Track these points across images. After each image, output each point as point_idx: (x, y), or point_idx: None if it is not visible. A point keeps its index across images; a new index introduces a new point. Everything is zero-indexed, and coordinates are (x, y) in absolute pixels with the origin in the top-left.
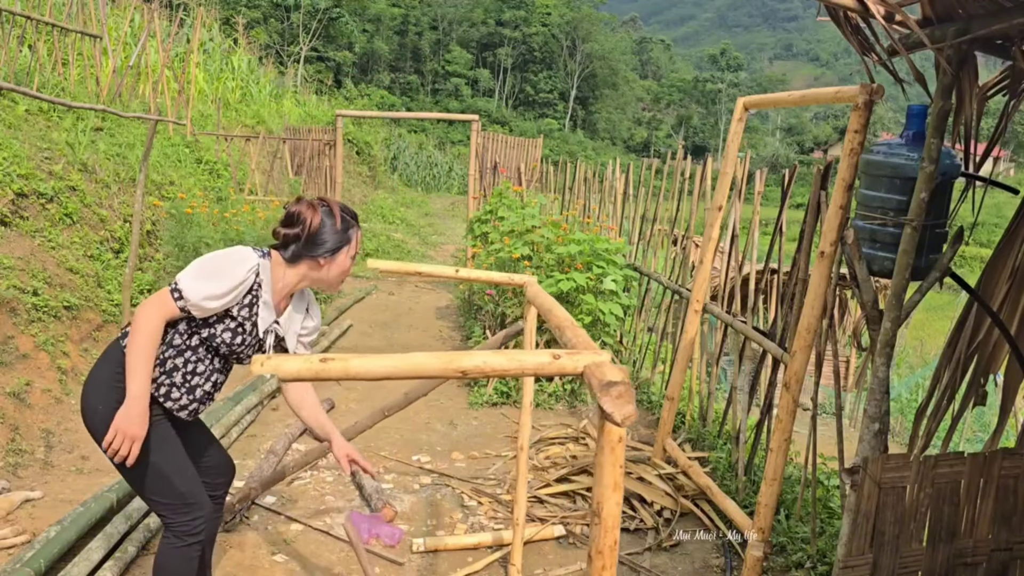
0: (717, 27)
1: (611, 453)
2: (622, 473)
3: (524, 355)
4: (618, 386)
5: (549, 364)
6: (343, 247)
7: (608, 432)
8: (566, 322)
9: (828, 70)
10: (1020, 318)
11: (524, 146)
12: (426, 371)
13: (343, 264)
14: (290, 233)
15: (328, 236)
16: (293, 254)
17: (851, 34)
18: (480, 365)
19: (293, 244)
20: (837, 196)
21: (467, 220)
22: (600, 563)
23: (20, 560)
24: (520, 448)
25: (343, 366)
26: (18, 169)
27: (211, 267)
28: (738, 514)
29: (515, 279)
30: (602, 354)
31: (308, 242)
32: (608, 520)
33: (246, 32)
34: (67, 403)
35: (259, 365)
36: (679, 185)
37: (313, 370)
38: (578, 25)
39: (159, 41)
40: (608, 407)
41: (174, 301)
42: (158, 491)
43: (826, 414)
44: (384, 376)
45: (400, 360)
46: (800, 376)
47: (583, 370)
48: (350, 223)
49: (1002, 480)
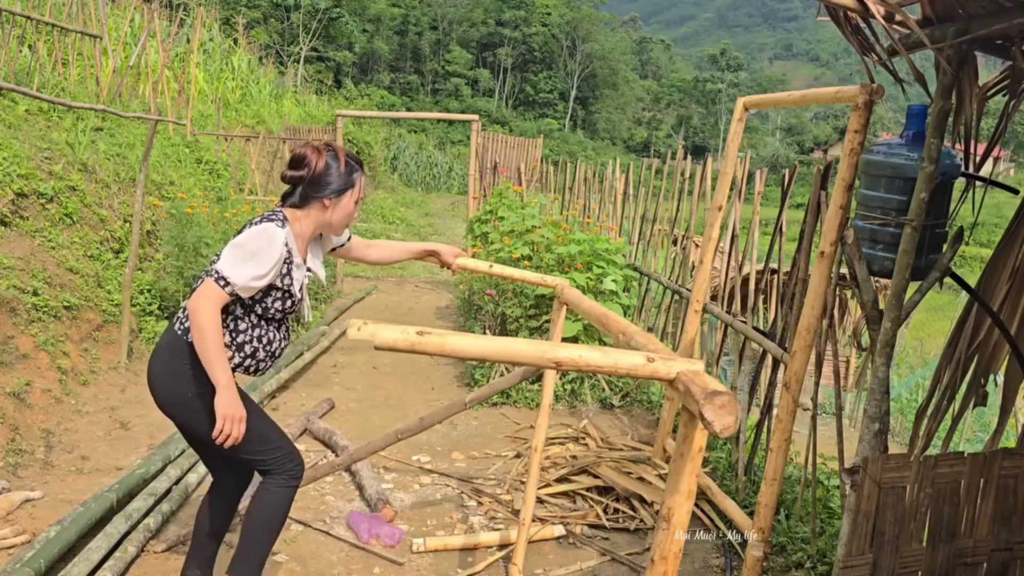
0: (717, 27)
1: (691, 461)
2: (696, 482)
3: (619, 354)
4: (723, 396)
5: (643, 366)
6: (347, 190)
7: (691, 440)
8: (630, 328)
9: (828, 70)
10: (1020, 318)
11: (524, 146)
12: (521, 357)
13: (347, 207)
14: (296, 175)
15: (333, 178)
16: (301, 196)
17: (851, 34)
18: (576, 359)
19: (300, 186)
20: (837, 196)
21: (467, 220)
22: (663, 568)
23: (20, 560)
24: (534, 448)
25: (440, 341)
26: (18, 169)
27: (247, 251)
28: (738, 514)
29: (549, 281)
30: (697, 362)
31: (313, 183)
32: (676, 527)
33: (246, 32)
34: (67, 403)
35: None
36: (679, 185)
37: (410, 341)
38: (578, 25)
39: (159, 41)
40: (710, 416)
41: (222, 289)
42: (262, 450)
43: (826, 414)
44: (479, 356)
45: (496, 343)
46: (800, 376)
47: (675, 376)
48: (354, 167)
49: (1002, 480)
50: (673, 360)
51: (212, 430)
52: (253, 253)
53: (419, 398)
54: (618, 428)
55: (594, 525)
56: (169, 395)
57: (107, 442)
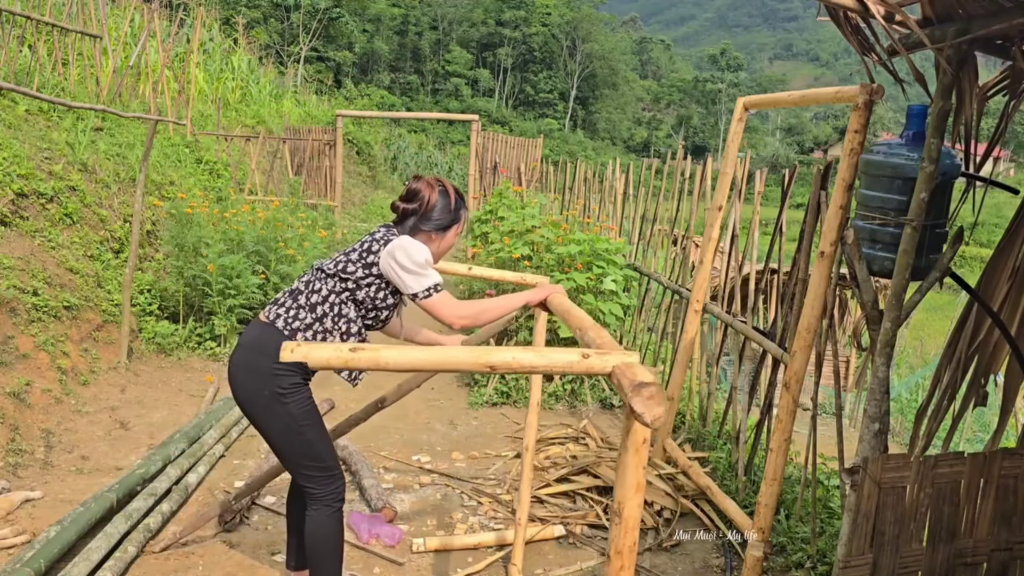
0: (717, 27)
1: (636, 454)
2: (644, 475)
3: (554, 352)
4: (650, 387)
5: (578, 363)
6: (453, 225)
7: (634, 433)
8: (587, 323)
9: (828, 70)
10: (1020, 318)
11: (524, 146)
12: (456, 365)
13: (450, 240)
14: (408, 208)
15: (441, 214)
16: (410, 227)
17: (851, 34)
18: (509, 361)
19: (411, 217)
20: (837, 196)
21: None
22: (619, 563)
23: (20, 560)
24: (526, 448)
25: (374, 356)
26: (18, 169)
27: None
28: (738, 514)
29: (528, 279)
30: (631, 354)
31: (423, 217)
32: (629, 521)
33: (246, 32)
34: (67, 403)
35: (289, 352)
36: (679, 185)
37: (343, 359)
38: (578, 25)
39: (159, 41)
40: (639, 407)
41: (439, 292)
42: (309, 464)
43: (826, 414)
44: (412, 368)
45: (429, 353)
46: (800, 376)
47: (612, 370)
48: (461, 205)
49: (1002, 480)
50: (609, 354)
51: (277, 434)
52: (417, 257)
53: (419, 398)
54: (618, 428)
55: (594, 525)
56: (245, 390)
57: (107, 442)
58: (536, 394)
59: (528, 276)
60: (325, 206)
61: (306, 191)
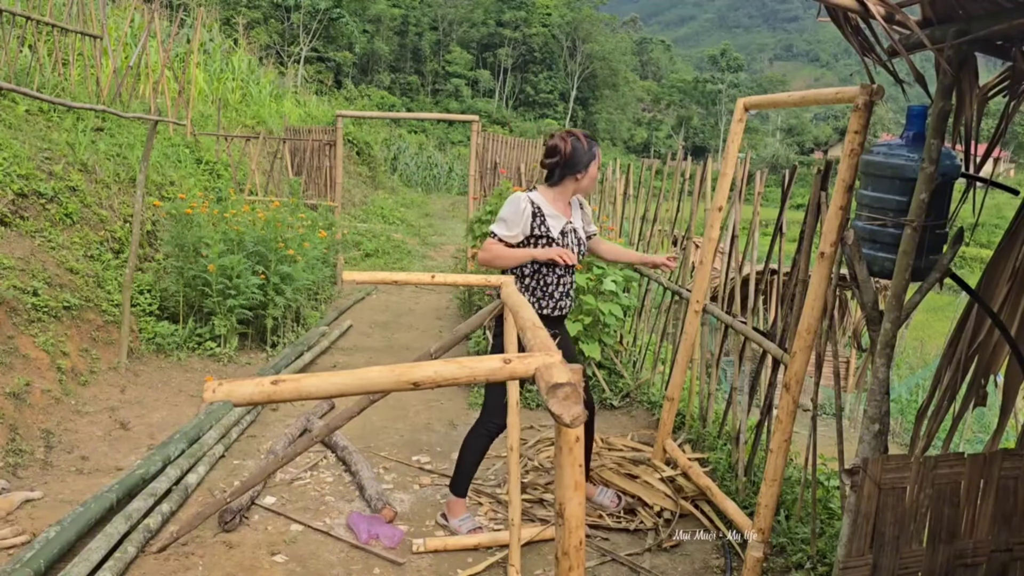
0: (717, 28)
1: (569, 454)
2: (583, 472)
3: (475, 362)
4: (564, 388)
5: (500, 369)
6: (592, 161)
7: (565, 433)
8: (527, 323)
9: (828, 71)
10: (1020, 319)
11: (524, 146)
12: (378, 386)
13: (593, 173)
14: (552, 161)
15: (581, 156)
16: (559, 176)
17: (851, 35)
18: (431, 376)
19: (556, 169)
20: (837, 197)
21: (467, 221)
22: (567, 564)
23: (20, 560)
24: (510, 448)
25: (295, 387)
26: (18, 169)
27: (503, 214)
28: (738, 515)
29: (492, 280)
30: (553, 356)
31: (567, 165)
32: (572, 520)
33: (246, 32)
34: (67, 403)
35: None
36: (679, 186)
37: (266, 393)
38: (578, 26)
39: (159, 41)
40: (556, 409)
41: (493, 239)
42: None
43: (826, 415)
44: (336, 394)
45: (351, 376)
46: (800, 377)
47: (534, 373)
48: (592, 142)
49: (1002, 481)
50: (531, 358)
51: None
52: (505, 214)
53: (419, 398)
54: (618, 428)
55: (594, 525)
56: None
57: (107, 442)
58: (514, 396)
59: (492, 278)
60: (325, 206)
61: (306, 191)
